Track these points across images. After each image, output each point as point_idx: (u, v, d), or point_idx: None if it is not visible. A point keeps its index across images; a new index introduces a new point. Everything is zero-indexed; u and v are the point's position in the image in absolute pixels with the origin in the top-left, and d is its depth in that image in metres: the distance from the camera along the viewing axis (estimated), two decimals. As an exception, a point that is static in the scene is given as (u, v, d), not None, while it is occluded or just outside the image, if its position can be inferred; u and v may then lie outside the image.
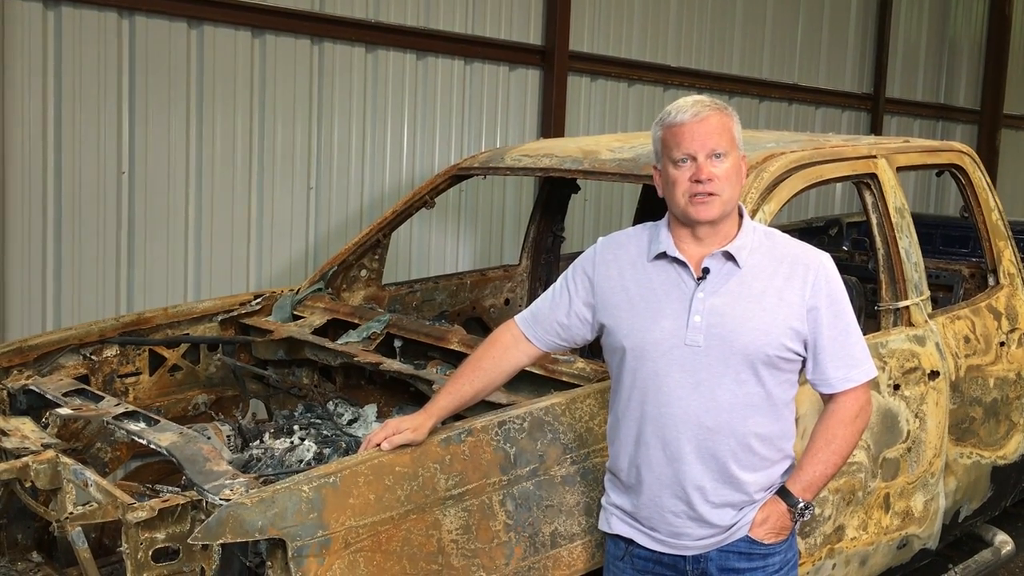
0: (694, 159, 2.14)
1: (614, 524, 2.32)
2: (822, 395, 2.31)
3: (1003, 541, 4.14)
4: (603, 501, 2.38)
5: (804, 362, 2.25)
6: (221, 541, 2.05)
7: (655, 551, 2.25)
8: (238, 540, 2.05)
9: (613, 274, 2.28)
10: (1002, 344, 3.90)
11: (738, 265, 2.19)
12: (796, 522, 2.25)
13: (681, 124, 2.15)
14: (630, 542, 2.29)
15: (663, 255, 2.22)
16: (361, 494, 2.17)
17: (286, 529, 2.05)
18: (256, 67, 5.44)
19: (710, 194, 2.14)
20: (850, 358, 2.23)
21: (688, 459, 2.17)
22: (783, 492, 2.24)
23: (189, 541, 2.13)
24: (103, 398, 2.96)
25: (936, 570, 3.88)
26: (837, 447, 2.24)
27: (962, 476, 3.75)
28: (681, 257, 2.20)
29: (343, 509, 2.13)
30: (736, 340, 2.13)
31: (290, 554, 2.04)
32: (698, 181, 2.14)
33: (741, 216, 2.26)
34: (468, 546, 2.28)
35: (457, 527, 2.28)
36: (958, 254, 5.84)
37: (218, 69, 5.29)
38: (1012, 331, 3.96)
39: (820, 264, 2.23)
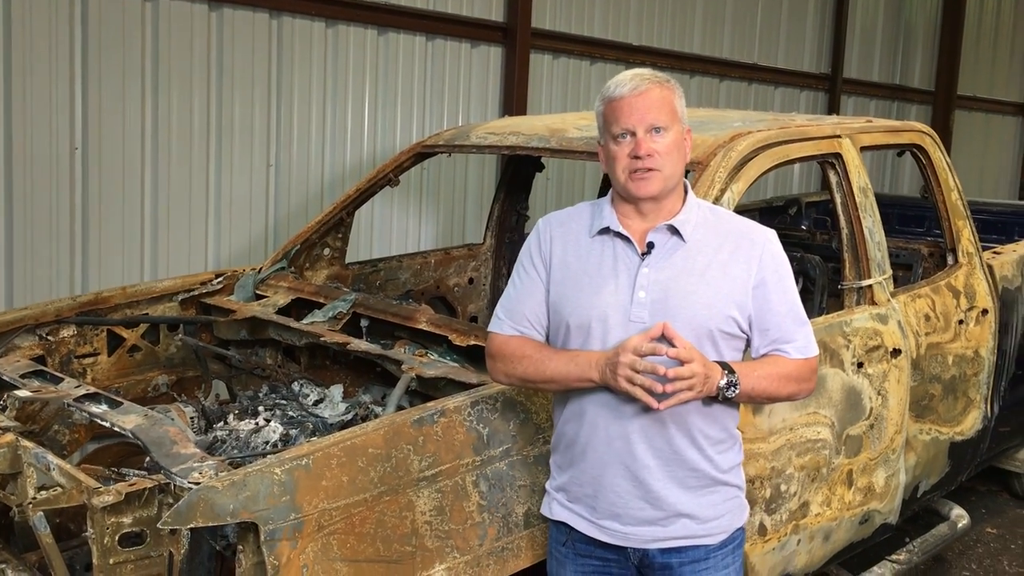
0: (633, 134, 2.10)
1: (555, 510, 2.28)
2: None
3: (959, 515, 4.23)
4: (547, 485, 2.33)
5: (748, 342, 2.21)
6: (192, 525, 2.01)
7: (596, 539, 2.21)
8: (209, 524, 2.01)
9: (557, 251, 2.23)
10: (960, 322, 3.96)
11: (683, 239, 2.16)
12: (718, 387, 2.05)
13: (620, 98, 2.11)
14: (572, 528, 2.25)
15: (606, 230, 2.19)
16: (334, 476, 2.14)
17: (258, 512, 2.02)
18: (213, 41, 5.32)
19: (649, 169, 2.10)
20: (798, 332, 2.20)
21: (632, 437, 2.13)
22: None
23: (159, 526, 2.08)
24: (63, 380, 2.89)
25: (894, 544, 3.95)
26: (778, 374, 2.15)
27: (921, 452, 3.82)
28: (625, 232, 2.17)
29: (316, 491, 2.10)
30: (680, 314, 2.10)
31: (262, 538, 2.00)
32: (637, 157, 2.10)
33: (686, 192, 2.23)
34: (442, 527, 2.26)
35: (431, 508, 2.26)
36: (914, 233, 5.93)
37: (174, 42, 5.17)
38: (970, 309, 4.03)
39: (767, 240, 2.21)
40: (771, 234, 2.23)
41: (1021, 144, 12.39)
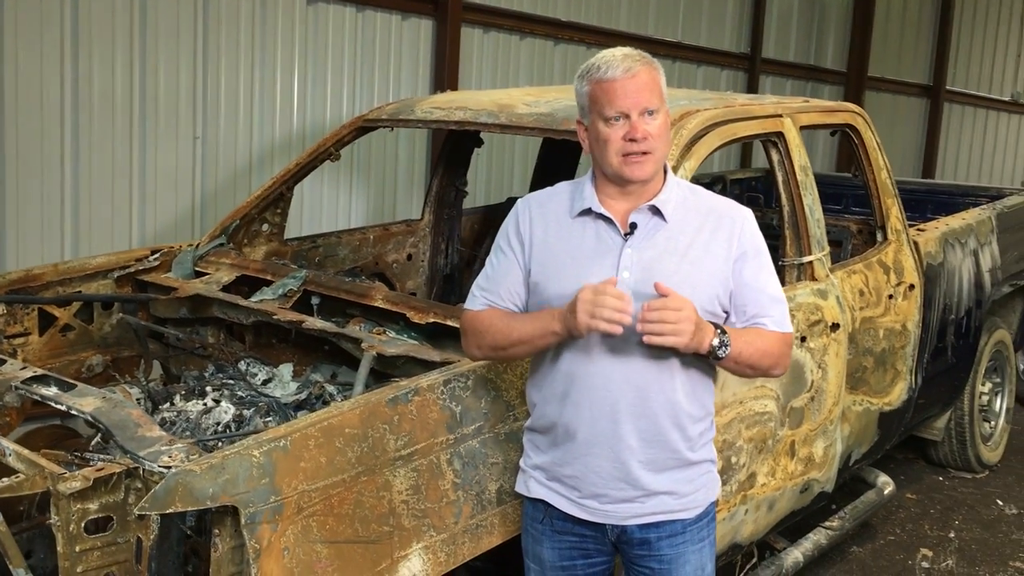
0: (627, 117, 2.09)
1: (533, 487, 2.28)
2: None
3: (885, 482, 4.41)
4: (522, 463, 2.33)
5: (726, 319, 2.24)
6: (171, 510, 1.95)
7: (574, 516, 2.23)
8: (188, 509, 1.95)
9: (538, 232, 2.23)
10: (890, 297, 4.10)
11: (664, 219, 2.17)
12: (711, 346, 2.07)
13: (612, 80, 2.09)
14: (550, 505, 2.26)
15: (587, 211, 2.19)
16: (312, 457, 2.10)
17: (238, 496, 1.97)
18: (136, 4, 5.11)
19: (644, 152, 2.10)
20: (775, 308, 2.24)
21: (618, 417, 2.15)
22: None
23: (136, 511, 2.01)
24: (5, 361, 2.76)
25: (825, 512, 4.10)
26: (761, 344, 2.18)
27: (854, 422, 3.95)
28: (607, 213, 2.17)
29: (295, 473, 2.06)
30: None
31: (243, 521, 1.96)
32: (633, 140, 2.09)
33: (665, 171, 2.24)
34: (418, 506, 2.25)
35: (407, 488, 2.24)
36: (832, 211, 6.09)
37: (95, 4, 4.94)
38: (899, 284, 4.18)
39: (744, 219, 2.24)
40: (748, 212, 2.27)
41: (925, 124, 12.87)
